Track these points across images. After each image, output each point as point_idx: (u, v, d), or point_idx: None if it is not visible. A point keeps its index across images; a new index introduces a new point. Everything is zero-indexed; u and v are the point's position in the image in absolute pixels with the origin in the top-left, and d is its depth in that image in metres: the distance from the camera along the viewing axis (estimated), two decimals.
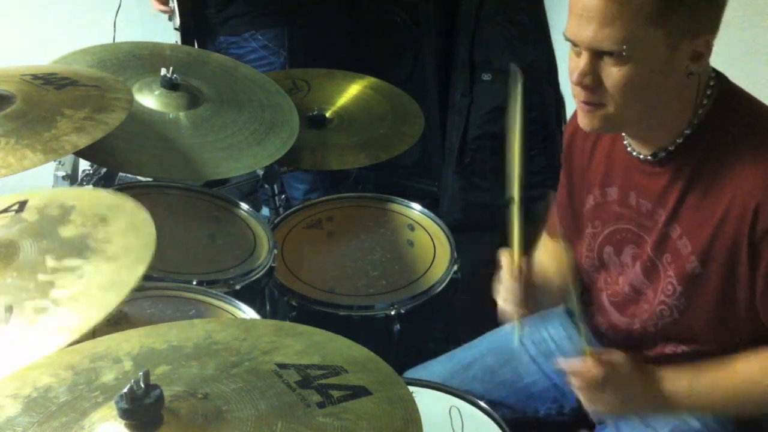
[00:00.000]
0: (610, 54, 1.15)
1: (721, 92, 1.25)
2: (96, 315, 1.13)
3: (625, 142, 1.34)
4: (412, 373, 1.62)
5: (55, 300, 1.15)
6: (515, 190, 1.35)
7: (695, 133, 1.24)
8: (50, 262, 1.22)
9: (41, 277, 1.20)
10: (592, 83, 1.19)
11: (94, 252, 1.24)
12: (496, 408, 1.46)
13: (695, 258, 1.26)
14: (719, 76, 1.27)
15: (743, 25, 1.85)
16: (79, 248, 1.25)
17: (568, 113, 2.68)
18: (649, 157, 1.29)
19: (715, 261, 1.25)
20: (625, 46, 1.13)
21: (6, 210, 1.36)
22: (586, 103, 1.22)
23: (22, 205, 1.37)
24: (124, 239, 1.27)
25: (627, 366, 1.30)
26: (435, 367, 1.61)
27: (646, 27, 1.12)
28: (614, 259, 1.41)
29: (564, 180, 1.51)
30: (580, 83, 1.20)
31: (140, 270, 1.20)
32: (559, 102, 2.72)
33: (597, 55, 1.17)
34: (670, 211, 1.28)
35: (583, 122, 1.25)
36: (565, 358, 1.35)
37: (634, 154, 1.32)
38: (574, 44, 1.19)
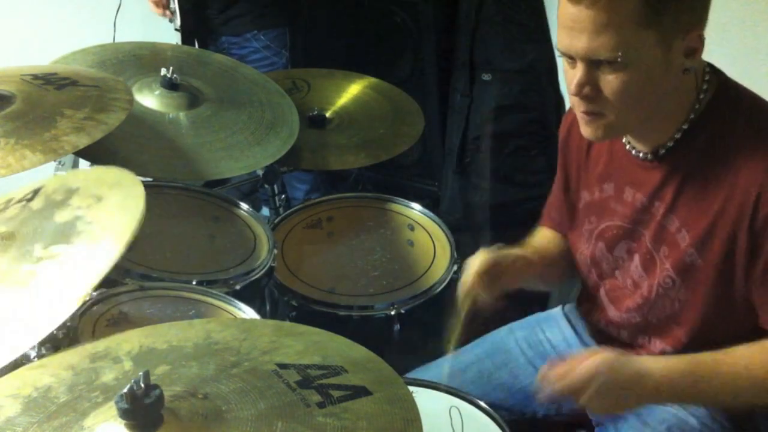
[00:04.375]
0: (607, 62, 1.15)
1: (717, 86, 1.25)
2: (67, 308, 1.07)
3: (624, 140, 1.34)
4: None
5: (35, 291, 1.10)
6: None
7: (693, 127, 1.25)
8: (38, 251, 1.17)
9: (26, 267, 1.15)
10: (591, 92, 1.18)
11: (79, 236, 1.18)
12: (495, 410, 1.45)
13: (694, 250, 1.26)
14: (714, 70, 1.27)
15: (743, 25, 1.85)
16: (68, 233, 1.19)
17: None
18: (648, 155, 1.29)
19: (713, 251, 1.25)
20: (620, 53, 1.13)
21: (20, 201, 1.32)
22: (586, 113, 1.22)
23: (36, 192, 1.32)
24: (109, 219, 1.19)
25: (613, 359, 1.24)
26: (432, 371, 1.60)
27: (638, 30, 1.12)
28: (606, 255, 1.41)
29: (560, 175, 1.51)
30: (579, 94, 1.19)
31: (116, 253, 1.11)
32: (559, 102, 2.71)
33: (593, 65, 1.17)
34: (668, 204, 1.28)
35: (586, 132, 1.25)
36: (559, 359, 1.32)
37: (633, 153, 1.32)
38: (569, 56, 1.19)
